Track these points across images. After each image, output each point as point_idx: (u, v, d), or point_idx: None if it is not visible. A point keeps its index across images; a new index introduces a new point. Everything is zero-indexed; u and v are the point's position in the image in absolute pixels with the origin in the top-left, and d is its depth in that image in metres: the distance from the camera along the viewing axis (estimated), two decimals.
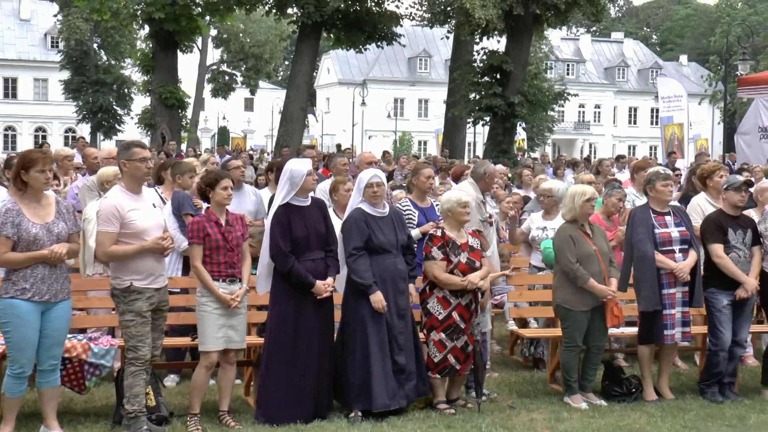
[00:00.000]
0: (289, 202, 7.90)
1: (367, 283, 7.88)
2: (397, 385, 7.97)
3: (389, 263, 8.05)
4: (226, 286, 7.63)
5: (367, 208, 8.11)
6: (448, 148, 33.25)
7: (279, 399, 7.77)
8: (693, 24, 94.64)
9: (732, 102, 45.70)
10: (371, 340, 7.91)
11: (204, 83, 66.74)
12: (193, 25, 33.24)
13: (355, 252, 7.95)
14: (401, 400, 8.00)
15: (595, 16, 31.94)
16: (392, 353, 7.97)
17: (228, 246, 7.66)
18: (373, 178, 8.18)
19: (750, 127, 24.10)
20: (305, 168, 7.95)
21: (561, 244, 8.54)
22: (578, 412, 8.31)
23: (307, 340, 7.81)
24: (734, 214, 8.93)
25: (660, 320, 8.68)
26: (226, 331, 7.64)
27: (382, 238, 8.03)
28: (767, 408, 8.57)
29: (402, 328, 8.06)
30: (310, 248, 7.86)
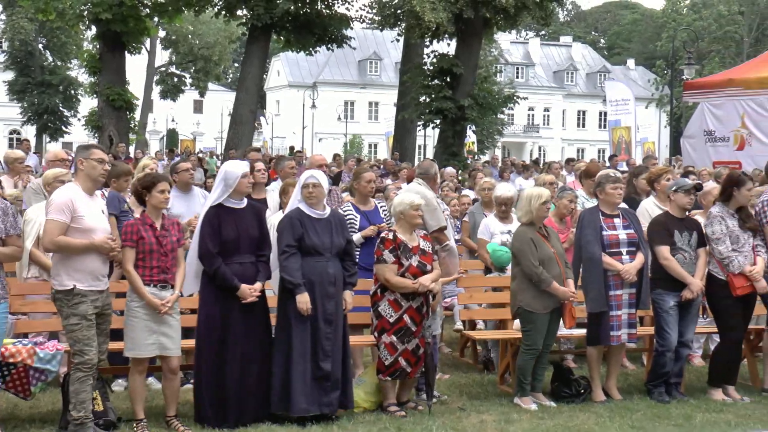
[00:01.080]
0: (222, 204, 7.84)
1: (296, 282, 7.79)
2: (319, 392, 7.86)
3: (320, 266, 7.96)
4: (157, 292, 7.52)
5: (305, 209, 8.05)
6: (399, 151, 33.31)
7: (211, 401, 7.71)
8: (640, 29, 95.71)
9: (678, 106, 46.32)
10: (294, 343, 7.82)
11: (152, 85, 66.14)
12: (141, 26, 32.92)
13: (287, 250, 7.87)
14: (323, 408, 7.87)
15: (544, 20, 32.20)
16: (317, 358, 7.86)
17: (162, 250, 7.55)
18: (309, 179, 8.11)
19: (695, 131, 24.37)
20: (240, 170, 7.89)
21: (522, 248, 8.57)
22: (528, 413, 8.35)
23: (234, 344, 7.72)
24: (681, 217, 9.04)
25: (607, 322, 8.76)
26: (157, 338, 7.51)
27: (315, 239, 7.95)
28: (713, 407, 8.68)
29: (329, 333, 7.94)
30: (240, 251, 7.78)
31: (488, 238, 10.38)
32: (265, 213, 8.32)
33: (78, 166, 7.30)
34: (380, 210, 9.85)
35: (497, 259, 10.04)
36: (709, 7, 71.81)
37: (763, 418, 8.35)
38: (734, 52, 69.35)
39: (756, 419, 8.32)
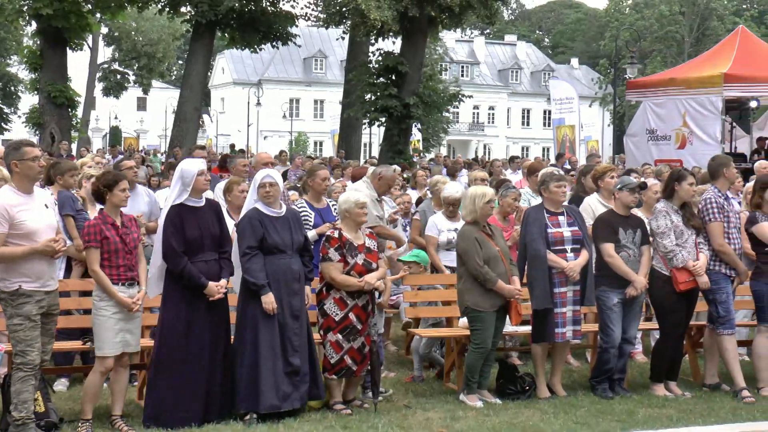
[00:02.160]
0: (182, 203, 7.79)
1: (260, 284, 7.81)
2: (290, 387, 7.91)
3: (283, 264, 7.98)
4: (126, 290, 7.51)
5: (263, 208, 8.04)
6: (344, 149, 33.29)
7: (168, 402, 7.66)
8: (583, 28, 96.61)
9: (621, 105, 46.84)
10: (262, 341, 7.83)
11: (95, 82, 65.34)
12: (83, 22, 32.45)
13: (249, 251, 7.87)
14: (294, 402, 7.94)
15: (488, 18, 32.34)
16: (286, 354, 7.91)
17: (126, 248, 7.54)
18: (266, 178, 8.11)
19: (638, 130, 24.67)
20: (195, 168, 7.85)
21: (468, 247, 8.58)
22: (473, 410, 8.38)
23: (199, 342, 7.72)
24: (625, 214, 9.13)
25: (552, 319, 8.82)
26: (123, 335, 7.53)
27: (276, 238, 7.96)
28: (655, 403, 8.78)
29: (296, 329, 8.01)
30: (203, 249, 7.77)
31: (436, 235, 10.42)
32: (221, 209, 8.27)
33: (12, 168, 7.14)
34: (332, 208, 9.87)
35: (424, 258, 10.08)
36: (651, 7, 72.62)
37: (704, 413, 8.46)
38: (675, 52, 70.26)
39: (697, 414, 8.42)
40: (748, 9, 77.56)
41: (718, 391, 9.27)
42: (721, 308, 9.13)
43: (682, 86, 23.19)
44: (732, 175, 9.45)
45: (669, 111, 23.34)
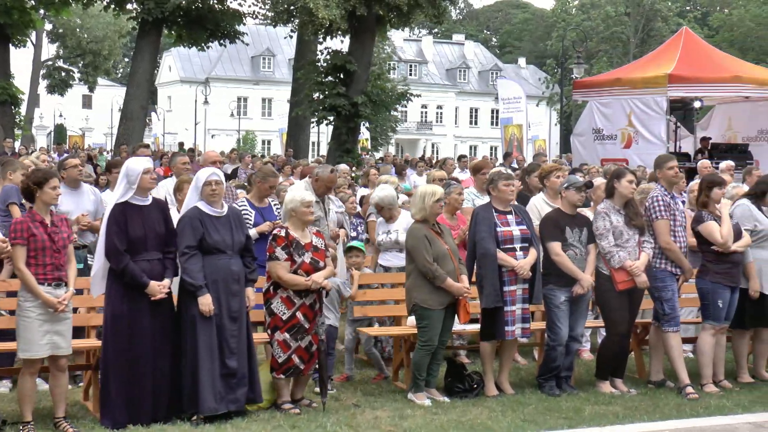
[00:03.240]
0: (127, 201, 7.70)
1: (198, 284, 7.73)
2: (226, 389, 7.83)
3: (223, 264, 7.90)
4: (52, 290, 7.37)
5: (204, 207, 7.96)
6: (292, 148, 33.18)
7: (119, 402, 7.58)
8: (531, 28, 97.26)
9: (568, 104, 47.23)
10: (200, 343, 7.75)
11: (39, 79, 64.41)
12: (26, 18, 31.98)
13: (187, 251, 7.78)
14: (230, 405, 7.85)
15: (436, 18, 32.40)
16: (223, 356, 7.83)
17: (54, 247, 7.41)
18: (212, 176, 8.03)
19: (584, 129, 24.89)
20: (141, 166, 7.76)
21: (417, 245, 8.59)
22: (422, 408, 8.38)
23: (143, 341, 7.64)
24: (572, 213, 9.19)
25: (501, 317, 8.86)
26: (51, 337, 7.37)
27: (216, 237, 7.87)
28: (601, 400, 8.85)
29: (234, 331, 7.92)
30: (147, 248, 7.68)
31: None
32: (168, 209, 8.18)
33: None
34: (273, 207, 9.85)
35: None
36: (597, 7, 73.28)
37: (649, 410, 8.55)
38: (621, 52, 70.99)
39: (642, 411, 8.51)
40: (692, 10, 78.65)
41: (663, 388, 9.37)
42: (666, 306, 9.24)
43: (627, 86, 23.43)
44: (666, 174, 9.53)
45: (615, 111, 23.58)
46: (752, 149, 23.44)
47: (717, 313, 9.31)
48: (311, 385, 8.78)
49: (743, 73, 23.60)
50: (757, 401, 8.91)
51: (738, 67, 24.42)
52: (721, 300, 9.26)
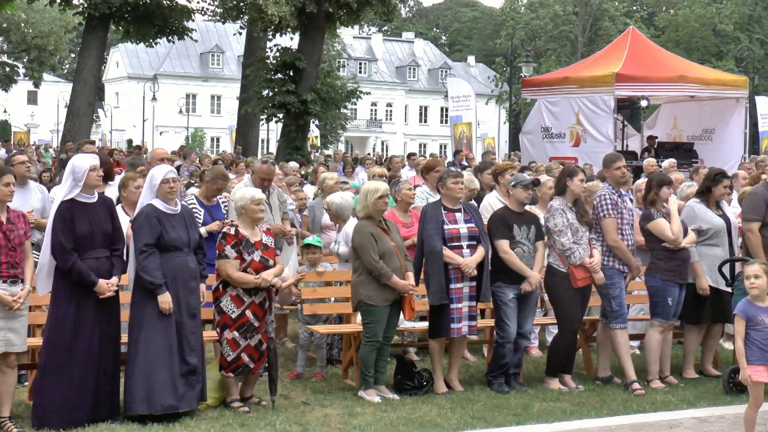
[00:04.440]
0: (74, 199, 7.61)
1: (157, 283, 7.68)
2: (187, 387, 7.80)
3: (180, 261, 7.87)
4: (7, 287, 7.29)
5: (159, 205, 7.90)
6: (242, 145, 33.01)
7: (56, 402, 7.46)
8: (480, 26, 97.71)
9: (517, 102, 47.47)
10: (158, 341, 7.70)
11: None
12: None
13: (146, 249, 7.73)
14: (192, 402, 7.84)
15: (386, 15, 32.42)
16: (183, 354, 7.81)
17: (10, 245, 7.33)
18: (169, 174, 8.00)
19: (533, 127, 25.05)
20: (87, 164, 7.67)
21: (363, 242, 8.60)
22: (371, 406, 8.39)
23: (88, 341, 7.54)
24: (519, 211, 9.24)
25: (448, 314, 8.88)
26: (5, 334, 7.30)
27: (173, 235, 7.84)
28: (550, 396, 8.91)
29: (193, 328, 7.92)
30: (94, 246, 7.59)
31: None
32: (114, 206, 8.10)
33: None
34: (222, 206, 9.80)
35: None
36: (546, 6, 73.83)
37: (596, 406, 8.62)
38: (569, 51, 71.60)
39: (590, 407, 8.59)
40: (638, 10, 79.52)
41: (610, 384, 9.45)
42: (614, 303, 9.32)
43: (575, 85, 23.63)
44: (614, 173, 9.63)
45: (563, 109, 23.76)
46: (697, 148, 23.77)
47: (666, 311, 9.41)
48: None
49: (688, 72, 23.93)
50: (701, 397, 9.03)
51: (683, 67, 24.76)
52: (670, 297, 9.36)
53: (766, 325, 7.23)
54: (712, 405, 8.76)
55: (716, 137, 24.54)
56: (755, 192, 9.86)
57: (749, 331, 7.23)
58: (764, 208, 9.48)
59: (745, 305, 7.29)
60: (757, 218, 9.46)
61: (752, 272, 7.32)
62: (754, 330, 7.23)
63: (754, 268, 7.36)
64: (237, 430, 7.59)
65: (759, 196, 9.66)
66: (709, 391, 9.28)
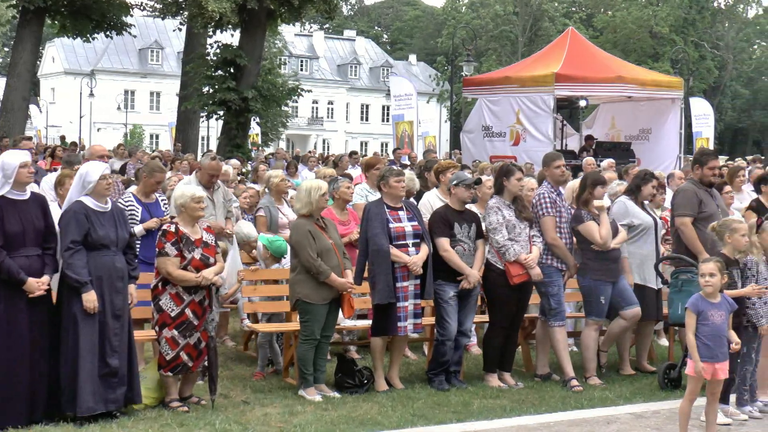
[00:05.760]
0: (4, 196, 7.46)
1: (83, 281, 7.55)
2: (106, 389, 7.67)
3: (107, 260, 7.74)
4: None
5: (89, 202, 7.76)
6: (181, 142, 32.74)
7: None
8: (421, 25, 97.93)
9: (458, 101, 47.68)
10: (81, 341, 7.57)
11: None
12: None
13: (72, 246, 7.59)
14: (110, 405, 7.69)
15: (328, 13, 32.38)
16: (104, 355, 7.67)
17: None
18: (106, 171, 7.92)
19: (474, 126, 25.21)
20: (17, 160, 7.53)
21: (301, 240, 8.59)
22: (312, 404, 8.38)
23: (20, 340, 7.40)
24: (460, 209, 9.29)
25: (394, 313, 8.90)
26: None
27: (101, 233, 7.70)
28: (489, 394, 8.97)
29: (117, 329, 7.77)
30: (25, 244, 7.46)
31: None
32: (47, 203, 7.96)
33: None
34: (161, 203, 9.71)
35: (276, 249, 10.05)
36: (487, 6, 74.20)
37: (535, 403, 8.71)
38: (510, 51, 72.03)
39: (529, 404, 8.66)
40: (577, 11, 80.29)
41: (549, 381, 9.55)
42: (552, 301, 9.41)
43: (516, 84, 23.85)
44: (553, 172, 9.73)
45: (503, 108, 23.96)
46: (634, 147, 24.13)
47: (599, 309, 9.52)
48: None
49: (626, 73, 24.29)
50: (637, 392, 9.17)
51: (621, 68, 25.12)
52: (602, 296, 9.47)
53: (714, 322, 7.37)
54: (648, 400, 8.90)
55: (653, 137, 24.94)
56: (686, 188, 10.02)
57: (697, 326, 7.37)
58: (697, 204, 9.65)
59: (697, 300, 7.43)
60: (690, 213, 9.62)
61: (708, 270, 7.46)
62: (702, 325, 7.37)
63: (709, 266, 7.49)
64: (176, 429, 7.53)
65: (690, 192, 9.82)
66: (645, 386, 9.42)
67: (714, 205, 9.70)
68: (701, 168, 9.85)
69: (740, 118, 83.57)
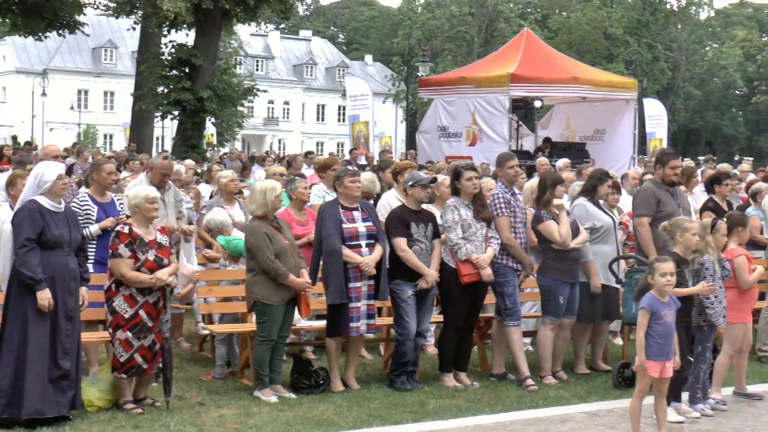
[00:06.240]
0: None
1: (38, 278, 7.46)
2: (56, 392, 7.56)
3: (61, 261, 7.67)
4: None
5: (43, 201, 7.67)
6: (136, 142, 32.48)
7: None
8: (377, 25, 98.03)
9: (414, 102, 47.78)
10: (31, 341, 7.48)
11: None
12: None
13: (27, 244, 7.50)
14: (61, 408, 7.58)
15: (283, 13, 32.28)
16: (56, 357, 7.57)
17: None
18: (61, 170, 7.87)
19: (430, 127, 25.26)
20: None
21: (258, 242, 8.55)
22: (268, 405, 8.35)
23: None
24: (416, 209, 9.31)
25: (347, 313, 8.89)
26: None
27: (56, 232, 7.62)
28: (445, 393, 8.99)
29: (69, 330, 7.69)
30: None
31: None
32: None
33: None
34: (117, 203, 9.62)
35: (234, 248, 10.00)
36: (442, 7, 74.43)
37: (491, 402, 8.73)
38: (465, 51, 72.25)
39: (485, 403, 8.69)
40: (533, 12, 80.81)
41: (505, 381, 9.58)
42: (507, 300, 9.45)
43: (471, 85, 23.92)
44: (507, 172, 9.77)
45: (459, 109, 24.03)
46: (589, 148, 24.31)
47: (557, 309, 9.58)
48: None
49: (580, 74, 24.46)
50: (592, 391, 9.23)
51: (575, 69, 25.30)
52: (561, 296, 9.53)
53: (666, 321, 7.46)
54: (602, 399, 8.96)
55: (607, 137, 25.14)
56: (645, 188, 10.13)
57: (651, 325, 7.45)
58: (655, 203, 9.75)
59: (651, 299, 7.51)
60: (647, 213, 9.72)
61: (668, 269, 7.54)
62: (656, 324, 7.45)
63: (669, 265, 7.58)
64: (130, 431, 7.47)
65: (649, 192, 9.93)
66: (600, 385, 9.49)
67: (674, 205, 9.81)
68: (663, 168, 9.98)
69: (693, 119, 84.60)
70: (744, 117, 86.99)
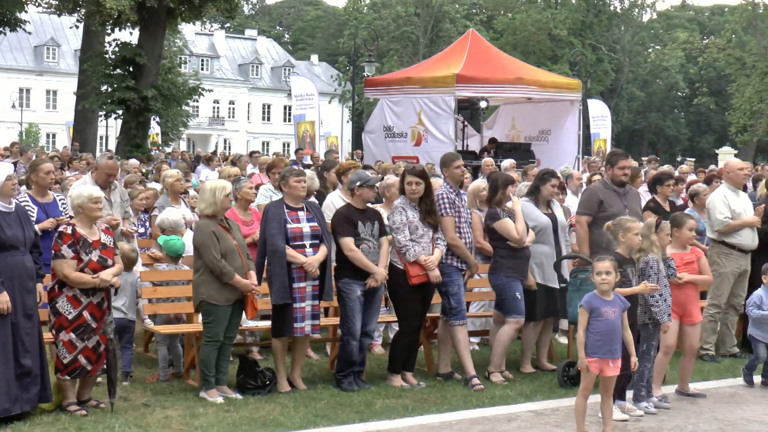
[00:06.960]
0: None
1: None
2: (21, 389, 7.58)
3: (17, 261, 7.63)
4: None
5: None
6: (79, 142, 32.12)
7: None
8: (323, 25, 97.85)
9: (359, 102, 47.80)
10: None
11: None
12: None
13: None
14: (24, 405, 7.61)
15: (228, 12, 32.17)
16: (18, 355, 7.57)
17: None
18: (11, 171, 7.81)
19: (376, 127, 25.26)
20: None
21: (205, 241, 8.51)
22: (214, 406, 8.31)
23: None
24: (362, 208, 9.31)
25: (291, 313, 8.87)
26: None
27: (10, 233, 7.58)
28: (392, 393, 9.01)
29: (29, 328, 7.69)
30: None
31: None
32: None
33: None
34: (59, 203, 9.53)
35: (171, 247, 9.95)
36: (388, 7, 74.51)
37: (437, 402, 8.77)
38: (411, 52, 72.41)
39: (431, 403, 8.72)
40: (478, 13, 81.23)
41: (451, 380, 9.62)
42: (453, 300, 9.49)
43: (417, 85, 23.96)
44: (453, 173, 9.81)
45: (405, 109, 24.05)
46: (534, 148, 24.47)
47: (517, 306, 9.60)
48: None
49: (525, 75, 24.62)
50: (538, 390, 9.30)
51: (521, 70, 25.45)
52: (517, 292, 9.59)
53: (608, 318, 7.54)
54: (547, 398, 9.04)
55: (552, 138, 25.33)
56: (591, 188, 10.27)
57: (591, 323, 7.54)
58: (597, 204, 9.86)
59: (591, 298, 7.60)
60: (587, 212, 9.86)
61: (603, 268, 7.62)
62: (596, 321, 7.54)
63: (605, 264, 7.66)
64: None
65: (594, 192, 10.05)
66: (545, 384, 9.56)
67: (621, 205, 9.93)
68: (612, 168, 10.13)
69: (636, 120, 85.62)
70: (686, 118, 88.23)
